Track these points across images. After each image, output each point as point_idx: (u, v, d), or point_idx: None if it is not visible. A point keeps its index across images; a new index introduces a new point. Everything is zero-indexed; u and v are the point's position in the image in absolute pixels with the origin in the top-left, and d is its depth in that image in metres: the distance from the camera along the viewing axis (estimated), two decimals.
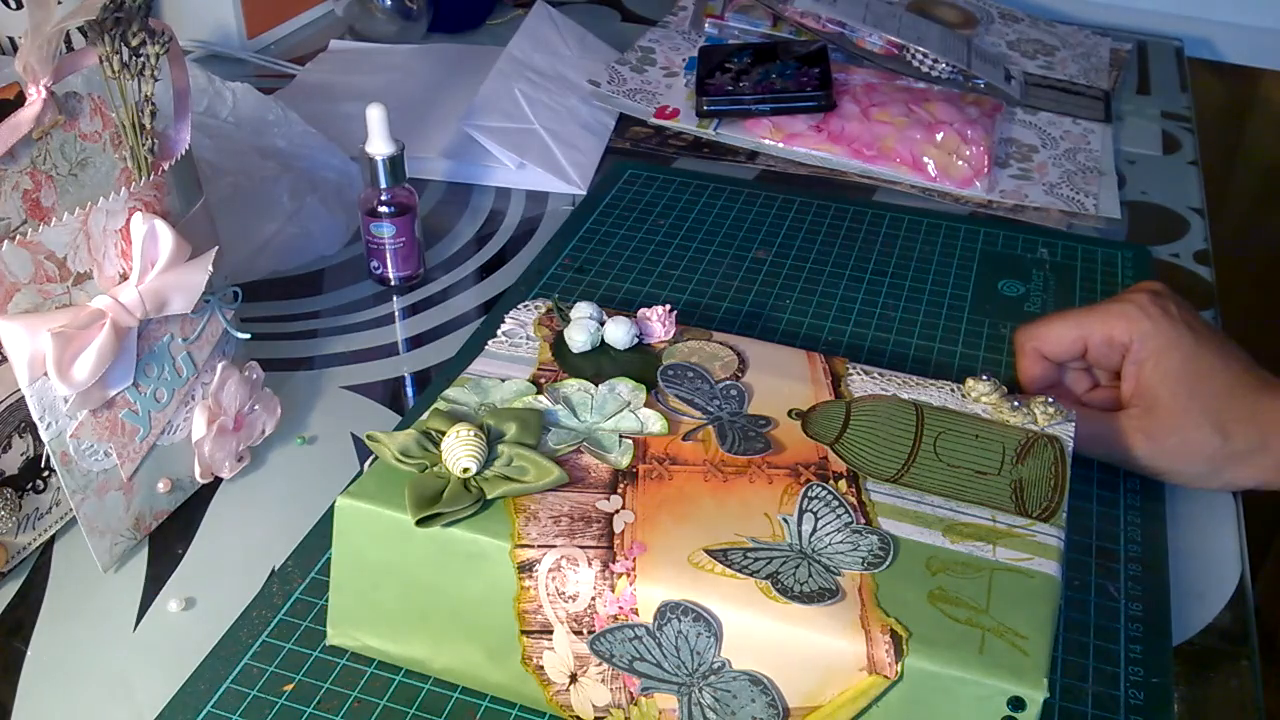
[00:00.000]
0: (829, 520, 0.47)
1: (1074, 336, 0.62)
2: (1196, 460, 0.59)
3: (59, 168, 0.52)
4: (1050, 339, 0.63)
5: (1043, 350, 0.64)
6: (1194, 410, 0.58)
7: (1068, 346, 0.63)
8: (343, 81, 1.07)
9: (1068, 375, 0.66)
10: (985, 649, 0.41)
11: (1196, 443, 0.58)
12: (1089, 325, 0.62)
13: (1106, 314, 0.61)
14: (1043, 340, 0.64)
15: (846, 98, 0.97)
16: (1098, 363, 0.64)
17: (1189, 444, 0.58)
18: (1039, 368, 0.64)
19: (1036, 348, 0.64)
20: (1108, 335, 0.61)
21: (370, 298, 0.78)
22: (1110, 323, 0.61)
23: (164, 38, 0.53)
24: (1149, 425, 0.59)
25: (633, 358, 0.56)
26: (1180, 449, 0.59)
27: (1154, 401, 0.59)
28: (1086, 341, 0.62)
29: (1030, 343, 0.64)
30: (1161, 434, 0.59)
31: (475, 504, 0.46)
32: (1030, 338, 0.64)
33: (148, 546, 0.58)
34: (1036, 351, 0.64)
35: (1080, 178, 0.93)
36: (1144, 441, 0.59)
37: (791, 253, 0.82)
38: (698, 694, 0.44)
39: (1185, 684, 0.52)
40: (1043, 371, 0.64)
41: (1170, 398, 0.59)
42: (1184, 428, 0.58)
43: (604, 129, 1.00)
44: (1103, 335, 0.61)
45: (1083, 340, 0.62)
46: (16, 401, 0.53)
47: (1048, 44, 1.18)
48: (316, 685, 0.50)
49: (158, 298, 0.53)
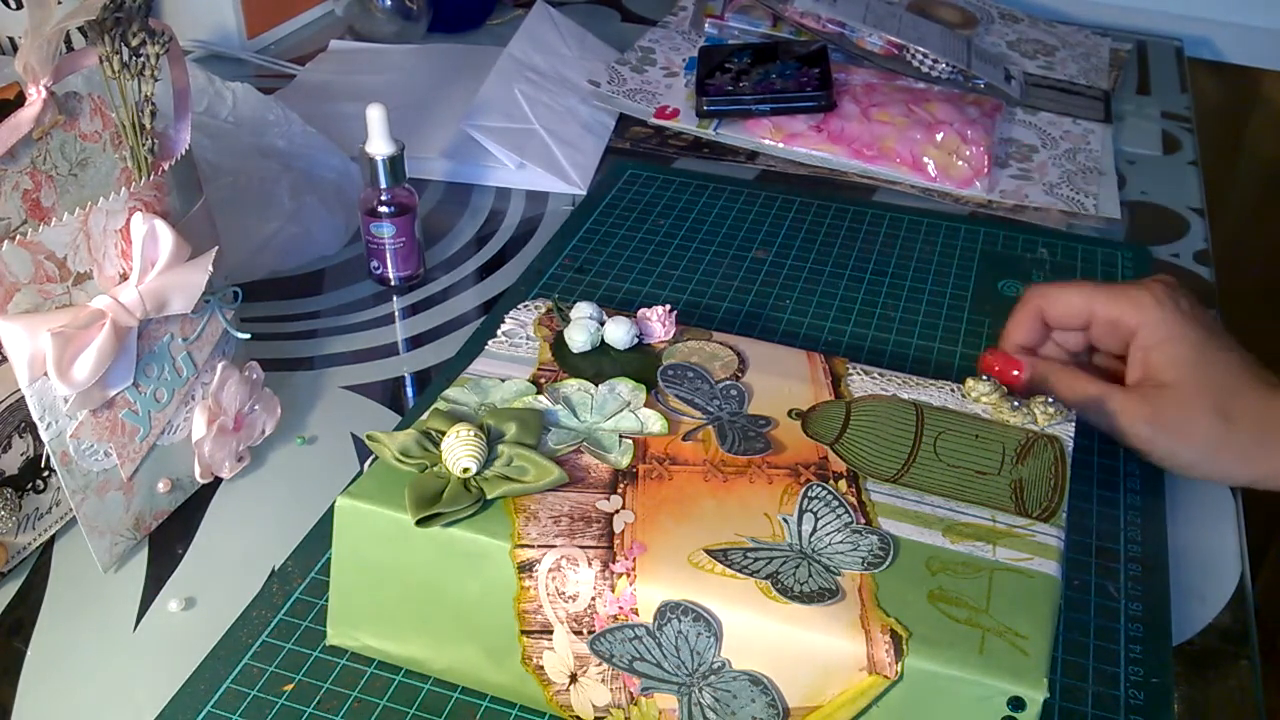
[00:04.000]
0: (829, 520, 0.47)
1: (1082, 308, 0.62)
2: (1196, 442, 0.59)
3: (59, 168, 0.52)
4: (1060, 302, 0.63)
5: (1046, 310, 0.64)
6: (1200, 394, 0.58)
7: (1073, 315, 0.63)
8: (343, 81, 1.07)
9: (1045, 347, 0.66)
10: (985, 649, 0.41)
11: (1199, 425, 0.58)
12: (1100, 302, 0.62)
13: (1119, 296, 0.61)
14: (1051, 301, 0.63)
15: (846, 98, 0.97)
16: (1098, 340, 0.64)
17: (1191, 425, 0.58)
18: (1028, 328, 0.64)
19: (1041, 306, 0.64)
20: (1116, 316, 0.61)
21: (370, 298, 0.78)
22: (1121, 306, 0.61)
23: (164, 38, 0.53)
24: (1155, 404, 0.59)
25: (633, 358, 0.56)
26: (1182, 429, 0.59)
27: (1160, 384, 0.59)
28: (1092, 316, 0.62)
29: (1036, 299, 0.64)
30: (1166, 413, 0.59)
31: (475, 504, 0.46)
32: (1039, 295, 0.64)
33: (148, 546, 0.58)
34: (1038, 310, 0.64)
35: (1080, 178, 0.93)
36: (1147, 418, 0.59)
37: (791, 253, 0.82)
38: (698, 694, 0.44)
39: (1185, 684, 0.52)
40: (1028, 334, 0.64)
41: (1177, 381, 0.59)
42: (1188, 409, 0.58)
43: (604, 129, 1.00)
44: (1111, 314, 0.61)
45: (1089, 313, 0.62)
46: (16, 401, 0.53)
47: (1048, 44, 1.18)
48: (316, 685, 0.50)
49: (158, 298, 0.53)
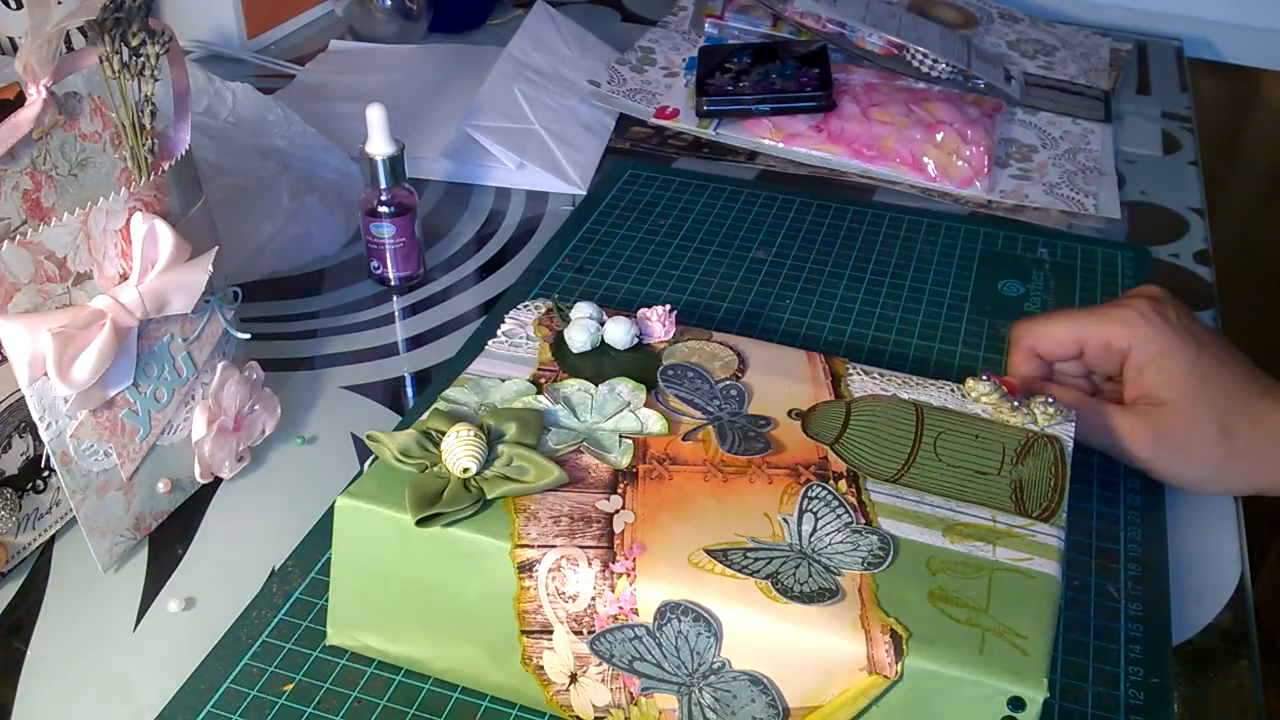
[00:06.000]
0: (829, 520, 0.47)
1: (1071, 338, 0.62)
2: (1200, 463, 0.59)
3: (59, 168, 0.52)
4: (1047, 338, 0.63)
5: (1038, 348, 0.63)
6: (1198, 411, 0.58)
7: (1064, 347, 0.62)
8: (343, 81, 1.07)
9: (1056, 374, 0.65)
10: (985, 649, 0.41)
11: (1201, 444, 0.58)
12: (1087, 328, 0.61)
13: (1105, 318, 0.61)
14: (1039, 338, 0.63)
15: (846, 98, 0.97)
16: (1094, 366, 0.63)
17: (1194, 444, 0.58)
18: (1031, 364, 0.64)
19: (1032, 345, 0.63)
20: (1105, 340, 0.61)
21: (370, 298, 0.78)
22: (1109, 328, 0.60)
23: (164, 38, 0.53)
24: (1155, 424, 0.59)
25: (633, 358, 0.56)
26: (1185, 449, 0.58)
27: (1158, 401, 0.59)
28: (1084, 344, 0.62)
29: (1026, 339, 0.64)
30: (1167, 433, 0.58)
31: (475, 504, 0.46)
32: (1026, 334, 0.64)
33: (148, 546, 0.58)
34: (1031, 349, 0.64)
35: (1080, 178, 0.93)
36: (1150, 439, 0.59)
37: (791, 253, 0.82)
38: (698, 694, 0.44)
39: (1185, 684, 0.52)
40: (1033, 369, 0.64)
41: (1175, 399, 0.58)
42: (1190, 428, 0.58)
43: (604, 129, 1.00)
44: (1101, 339, 0.61)
45: (1079, 342, 0.62)
46: (16, 401, 0.53)
47: (1048, 44, 1.18)
48: (316, 685, 0.50)
49: (158, 298, 0.53)
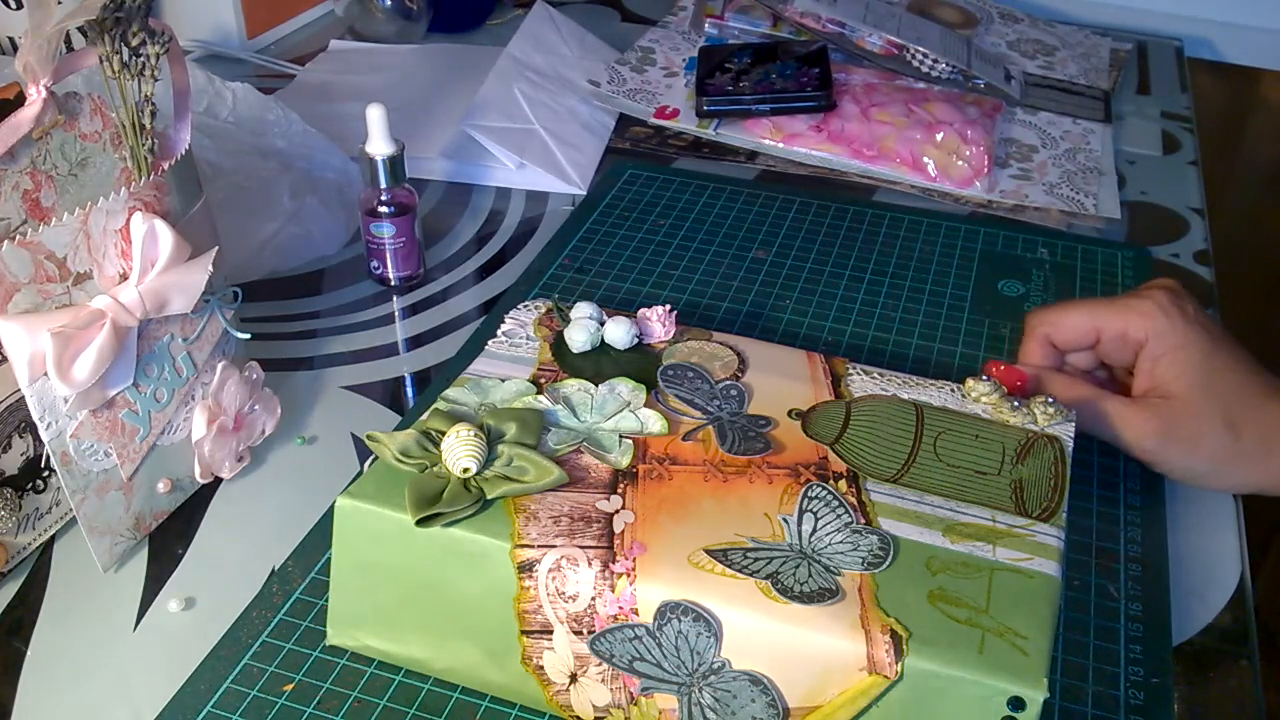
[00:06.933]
0: (829, 520, 0.47)
1: (1088, 327, 0.62)
2: (1205, 457, 0.59)
3: (59, 168, 0.52)
4: (1064, 326, 0.63)
5: (1053, 337, 0.63)
6: (1208, 406, 0.58)
7: (1080, 336, 0.63)
8: (343, 81, 1.07)
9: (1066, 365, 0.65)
10: (985, 649, 0.41)
11: (1208, 438, 0.58)
12: (1104, 318, 0.62)
13: (1123, 309, 0.61)
14: (1056, 327, 0.63)
15: (846, 98, 0.97)
16: (1108, 356, 0.63)
17: (1200, 439, 0.58)
18: (1043, 353, 0.64)
19: (1047, 334, 0.64)
20: (1122, 330, 0.61)
21: (370, 298, 0.78)
22: (1127, 318, 0.61)
23: (164, 38, 0.53)
24: (1164, 416, 0.59)
25: (633, 358, 0.56)
26: (1191, 443, 0.58)
27: (1168, 396, 0.59)
28: (1100, 333, 0.62)
29: (1042, 327, 0.64)
30: (1174, 427, 0.59)
31: (475, 504, 0.46)
32: (1042, 322, 0.64)
33: (148, 546, 0.58)
34: (1046, 337, 0.64)
35: (1080, 178, 0.93)
36: (1157, 432, 0.59)
37: (791, 253, 0.82)
38: (698, 694, 0.44)
39: (1185, 684, 0.52)
40: (1046, 359, 0.64)
41: (1185, 392, 0.58)
42: (1197, 423, 0.58)
43: (604, 129, 1.00)
44: (1117, 329, 0.61)
45: (1096, 331, 0.62)
46: (16, 401, 0.53)
47: (1048, 44, 1.18)
48: (316, 685, 0.50)
49: (158, 298, 0.53)
